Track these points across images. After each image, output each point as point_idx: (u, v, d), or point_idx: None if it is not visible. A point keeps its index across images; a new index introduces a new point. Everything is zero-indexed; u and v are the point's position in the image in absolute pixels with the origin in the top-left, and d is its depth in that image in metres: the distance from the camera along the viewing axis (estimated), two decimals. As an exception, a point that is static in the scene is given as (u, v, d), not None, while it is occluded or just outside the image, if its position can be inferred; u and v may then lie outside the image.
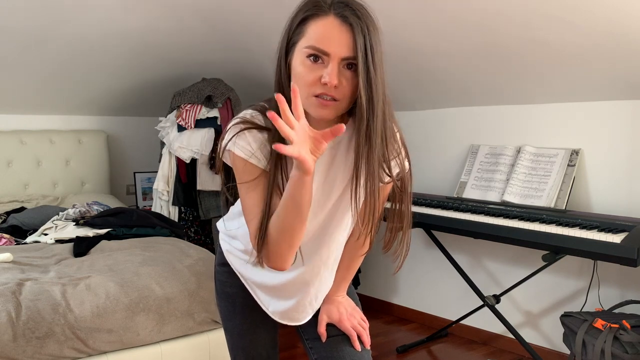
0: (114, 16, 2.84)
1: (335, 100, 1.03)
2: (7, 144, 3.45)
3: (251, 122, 1.12)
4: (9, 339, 1.75)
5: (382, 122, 1.05)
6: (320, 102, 1.03)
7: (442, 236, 3.16)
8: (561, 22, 2.17)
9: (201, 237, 3.58)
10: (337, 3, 1.03)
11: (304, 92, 1.04)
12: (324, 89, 1.02)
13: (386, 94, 1.06)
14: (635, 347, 2.07)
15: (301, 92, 1.04)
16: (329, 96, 1.03)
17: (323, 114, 1.04)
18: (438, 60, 2.77)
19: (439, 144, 3.30)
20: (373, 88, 1.02)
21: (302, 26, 1.05)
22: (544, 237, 2.31)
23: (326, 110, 1.04)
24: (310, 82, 1.03)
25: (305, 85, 1.03)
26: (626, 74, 2.35)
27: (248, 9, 2.83)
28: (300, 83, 1.04)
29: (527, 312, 2.92)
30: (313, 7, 1.04)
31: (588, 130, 2.65)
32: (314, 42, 1.02)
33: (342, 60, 1.02)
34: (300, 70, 1.04)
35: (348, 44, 1.01)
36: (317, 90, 1.03)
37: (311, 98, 1.04)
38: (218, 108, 3.40)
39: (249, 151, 1.11)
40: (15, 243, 2.65)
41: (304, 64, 1.04)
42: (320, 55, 1.02)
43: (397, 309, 3.57)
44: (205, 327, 2.15)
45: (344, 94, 1.03)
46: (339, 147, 1.17)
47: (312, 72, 1.03)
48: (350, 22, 1.01)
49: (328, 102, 1.03)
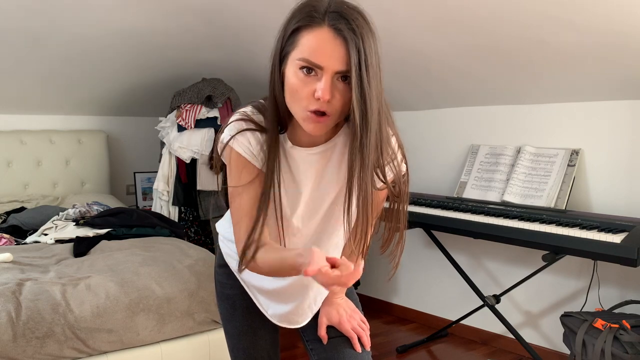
0: (114, 16, 2.84)
1: (327, 116, 1.02)
2: (7, 144, 3.45)
3: (252, 121, 1.12)
4: (9, 339, 1.75)
5: (375, 134, 1.03)
6: (313, 119, 1.02)
7: (442, 236, 3.16)
8: (561, 22, 2.17)
9: (201, 237, 3.58)
10: (331, 13, 1.00)
11: (299, 106, 1.03)
12: (317, 105, 1.01)
13: (382, 103, 1.04)
14: (635, 347, 2.07)
15: (295, 106, 1.04)
16: (320, 111, 1.02)
17: (314, 130, 1.04)
18: (438, 61, 2.77)
19: (439, 144, 3.30)
20: (367, 103, 1.00)
21: (295, 36, 1.03)
22: (544, 237, 2.31)
23: (318, 125, 1.03)
24: (304, 96, 1.02)
25: (300, 99, 1.02)
26: (626, 74, 2.35)
27: (248, 9, 2.83)
28: (295, 97, 1.03)
29: (527, 312, 2.92)
30: (306, 17, 1.01)
31: (588, 130, 2.65)
32: (307, 55, 1.00)
33: (335, 73, 1.00)
34: (293, 82, 1.03)
35: (341, 57, 0.99)
36: (311, 106, 1.02)
37: (305, 112, 1.03)
38: (218, 108, 3.40)
39: (250, 151, 1.11)
40: (15, 243, 2.65)
41: (296, 76, 1.02)
42: (314, 68, 1.00)
43: (397, 309, 3.57)
44: (205, 327, 2.16)
45: (335, 108, 1.02)
46: (334, 150, 1.16)
47: (306, 86, 1.01)
48: (344, 36, 0.98)
49: (320, 118, 1.02)
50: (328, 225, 1.22)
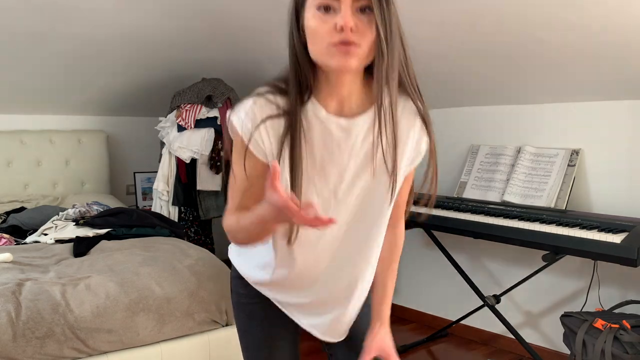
0: (114, 16, 2.84)
1: (355, 45, 0.97)
2: (7, 144, 3.45)
3: (269, 108, 1.05)
4: (9, 339, 1.75)
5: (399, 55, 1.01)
6: (340, 50, 0.97)
7: (442, 236, 3.15)
8: (561, 22, 2.17)
9: (201, 237, 3.58)
10: None
11: (322, 45, 0.98)
12: (341, 36, 0.96)
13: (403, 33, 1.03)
14: (635, 347, 2.07)
15: (319, 46, 0.99)
16: (348, 42, 0.96)
17: (347, 62, 0.98)
18: (438, 60, 2.77)
19: (439, 144, 3.26)
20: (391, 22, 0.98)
21: None
22: (544, 237, 2.31)
23: (348, 57, 0.97)
24: (325, 32, 0.97)
25: (321, 37, 0.98)
26: (626, 74, 2.35)
27: (248, 9, 2.83)
28: (317, 38, 0.99)
29: (527, 312, 2.92)
30: None
31: (588, 130, 2.65)
32: None
33: (353, 2, 0.97)
34: (312, 24, 0.99)
35: None
36: (334, 39, 0.97)
37: (331, 49, 0.98)
38: (218, 108, 3.40)
39: (261, 147, 1.06)
40: (15, 243, 2.65)
41: (315, 18, 0.98)
42: (331, 4, 0.97)
43: (397, 309, 3.56)
44: (205, 327, 2.15)
45: (363, 35, 0.97)
46: (356, 139, 1.08)
47: (326, 23, 0.97)
48: None
49: (349, 48, 0.97)
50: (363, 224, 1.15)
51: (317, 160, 1.08)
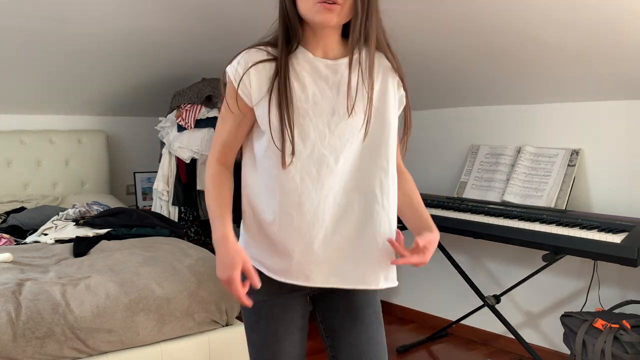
0: (114, 16, 2.84)
1: (337, 4, 1.14)
2: (7, 144, 3.45)
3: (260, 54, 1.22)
4: (9, 339, 1.75)
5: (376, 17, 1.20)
6: (323, 7, 1.14)
7: (442, 236, 3.16)
8: (561, 22, 2.17)
9: (201, 237, 3.58)
10: None
11: (309, 3, 1.15)
12: None
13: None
14: (636, 347, 2.07)
15: (307, 4, 1.16)
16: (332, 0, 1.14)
17: (327, 18, 1.15)
18: (438, 61, 2.77)
19: (439, 144, 3.30)
20: None
21: None
22: (544, 237, 2.31)
23: (330, 14, 1.15)
24: None
25: None
26: (626, 74, 2.35)
27: (248, 9, 2.83)
28: None
29: (527, 312, 2.92)
30: None
31: (588, 130, 2.65)
32: None
33: None
34: None
35: None
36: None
37: (316, 5, 1.15)
38: (218, 108, 3.40)
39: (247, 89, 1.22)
40: (15, 243, 2.65)
41: None
42: None
43: (397, 309, 3.57)
44: (205, 327, 2.15)
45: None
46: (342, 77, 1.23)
47: None
48: None
49: (331, 6, 1.14)
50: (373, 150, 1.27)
51: (310, 95, 1.21)
